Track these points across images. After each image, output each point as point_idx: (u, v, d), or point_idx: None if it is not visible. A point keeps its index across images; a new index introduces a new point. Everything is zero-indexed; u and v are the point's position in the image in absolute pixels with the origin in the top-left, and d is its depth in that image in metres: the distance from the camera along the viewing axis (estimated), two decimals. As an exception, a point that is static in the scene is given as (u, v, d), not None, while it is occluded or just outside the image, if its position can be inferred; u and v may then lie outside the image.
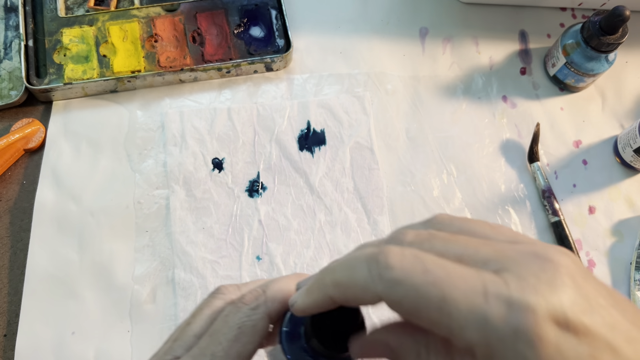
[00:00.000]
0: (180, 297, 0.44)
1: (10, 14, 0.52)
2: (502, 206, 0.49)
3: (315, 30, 0.55)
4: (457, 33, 0.56)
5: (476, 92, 0.53)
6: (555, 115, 0.53)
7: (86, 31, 0.51)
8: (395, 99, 0.52)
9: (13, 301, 0.43)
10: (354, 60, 0.53)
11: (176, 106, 0.50)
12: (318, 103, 0.51)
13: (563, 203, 0.50)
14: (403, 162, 0.50)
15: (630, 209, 0.50)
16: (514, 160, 0.51)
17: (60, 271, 0.44)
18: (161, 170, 0.48)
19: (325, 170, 0.49)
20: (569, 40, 0.51)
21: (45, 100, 0.50)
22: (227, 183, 0.48)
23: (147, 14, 0.52)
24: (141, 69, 0.50)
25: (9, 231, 0.45)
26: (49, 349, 0.42)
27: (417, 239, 0.19)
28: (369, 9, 0.56)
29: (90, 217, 0.46)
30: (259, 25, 0.53)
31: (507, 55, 0.55)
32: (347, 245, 0.46)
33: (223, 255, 0.45)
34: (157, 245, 0.45)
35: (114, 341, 0.42)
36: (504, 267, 0.17)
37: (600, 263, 0.48)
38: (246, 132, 0.49)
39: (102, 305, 0.43)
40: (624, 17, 0.46)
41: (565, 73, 0.52)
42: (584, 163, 0.52)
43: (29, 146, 0.47)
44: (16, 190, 0.47)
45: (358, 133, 0.50)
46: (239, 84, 0.52)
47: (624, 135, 0.50)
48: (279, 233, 0.46)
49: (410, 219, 0.48)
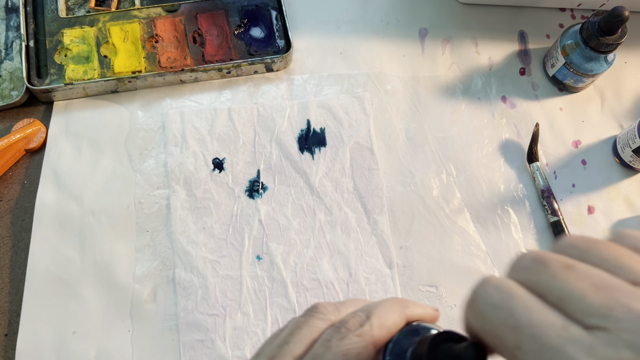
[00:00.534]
0: (181, 297, 0.44)
1: (11, 15, 0.52)
2: (501, 206, 0.49)
3: (315, 31, 0.55)
4: (457, 34, 0.56)
5: (475, 93, 0.54)
6: (554, 115, 0.53)
7: (87, 32, 0.51)
8: (395, 100, 0.52)
9: (14, 301, 0.43)
10: (354, 61, 0.54)
11: (177, 106, 0.50)
12: (318, 103, 0.51)
13: (562, 203, 0.50)
14: (403, 162, 0.50)
15: (629, 209, 0.51)
16: (513, 161, 0.51)
17: (61, 271, 0.44)
18: (162, 170, 0.48)
19: (325, 170, 0.49)
20: (568, 41, 0.51)
21: (46, 101, 0.50)
22: (228, 183, 0.48)
23: (148, 14, 0.52)
24: (142, 69, 0.50)
25: (10, 231, 0.45)
26: (50, 348, 0.42)
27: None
28: (368, 10, 0.56)
29: (91, 217, 0.46)
30: (259, 26, 0.53)
31: (507, 55, 0.56)
32: (347, 245, 0.46)
33: (223, 255, 0.45)
34: (157, 245, 0.45)
35: (114, 341, 0.42)
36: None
37: (600, 263, 0.48)
38: (246, 133, 0.50)
39: (103, 305, 0.43)
40: (623, 18, 0.46)
41: (564, 73, 0.52)
42: (583, 163, 0.52)
43: (30, 146, 0.47)
44: (17, 190, 0.47)
45: (358, 133, 0.50)
46: (240, 84, 0.52)
47: (623, 136, 0.50)
48: (279, 233, 0.46)
49: (410, 219, 0.48)
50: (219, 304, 0.44)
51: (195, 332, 0.43)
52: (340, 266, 0.46)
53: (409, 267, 0.46)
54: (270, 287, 0.45)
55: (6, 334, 0.42)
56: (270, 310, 0.44)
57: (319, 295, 0.45)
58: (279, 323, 0.44)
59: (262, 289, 0.45)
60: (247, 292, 0.44)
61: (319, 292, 0.45)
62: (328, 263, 0.46)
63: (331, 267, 0.46)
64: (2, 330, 0.42)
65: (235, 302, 0.44)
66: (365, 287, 0.45)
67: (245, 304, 0.44)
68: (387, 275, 0.46)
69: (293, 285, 0.45)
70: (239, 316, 0.44)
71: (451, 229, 0.48)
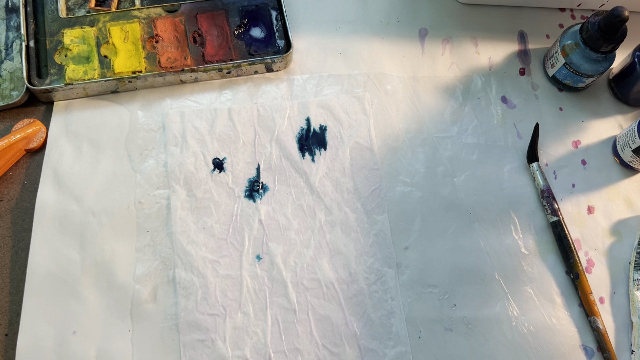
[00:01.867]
0: (181, 297, 0.44)
1: (12, 15, 0.52)
2: (501, 206, 0.49)
3: (316, 31, 0.55)
4: (457, 34, 0.56)
5: (475, 93, 0.54)
6: (554, 115, 0.53)
7: (87, 32, 0.51)
8: (395, 100, 0.52)
9: (14, 300, 0.43)
10: (354, 61, 0.54)
11: (177, 106, 0.50)
12: (318, 103, 0.51)
13: (562, 203, 0.50)
14: (403, 162, 0.50)
15: (629, 209, 0.51)
16: (513, 160, 0.51)
17: (61, 271, 0.44)
18: (162, 170, 0.48)
19: (325, 170, 0.49)
20: (568, 41, 0.51)
21: (47, 101, 0.50)
22: (228, 183, 0.48)
23: (148, 14, 0.52)
24: (142, 69, 0.50)
25: (10, 231, 0.45)
26: (50, 348, 0.42)
27: None
28: (368, 10, 0.56)
29: (91, 216, 0.46)
30: (260, 26, 0.53)
31: (506, 55, 0.56)
32: (347, 245, 0.46)
33: (223, 255, 0.45)
34: (158, 245, 0.45)
35: (115, 340, 0.42)
36: None
37: (599, 263, 0.48)
38: (247, 133, 0.50)
39: (103, 305, 0.43)
40: (623, 18, 0.46)
41: (564, 74, 0.52)
42: (583, 163, 0.52)
43: (30, 146, 0.48)
44: (17, 190, 0.47)
45: (358, 133, 0.50)
46: (240, 84, 0.52)
47: (623, 136, 0.51)
48: (279, 233, 0.46)
49: (410, 219, 0.48)
50: (219, 303, 0.44)
51: (195, 332, 0.43)
52: (340, 266, 0.46)
53: (409, 267, 0.46)
54: (270, 287, 0.45)
55: (6, 333, 0.42)
56: (271, 310, 0.44)
57: (319, 295, 0.45)
58: (279, 323, 0.44)
59: (262, 289, 0.45)
60: (247, 292, 0.44)
61: (319, 292, 0.45)
62: (328, 263, 0.46)
63: (331, 267, 0.46)
64: (2, 330, 0.43)
65: (236, 302, 0.44)
66: (365, 287, 0.45)
67: (245, 303, 0.44)
68: (387, 275, 0.46)
69: (293, 285, 0.45)
70: (239, 316, 0.44)
71: (451, 229, 0.48)
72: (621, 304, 0.47)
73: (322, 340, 0.44)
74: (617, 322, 0.47)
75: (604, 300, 0.47)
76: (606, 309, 0.47)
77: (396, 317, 0.45)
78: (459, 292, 0.46)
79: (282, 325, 0.44)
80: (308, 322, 0.44)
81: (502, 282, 0.47)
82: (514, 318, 0.46)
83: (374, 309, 0.45)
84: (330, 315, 0.44)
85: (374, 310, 0.45)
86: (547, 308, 0.46)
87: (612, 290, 0.48)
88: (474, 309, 0.46)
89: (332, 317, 0.44)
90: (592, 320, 0.46)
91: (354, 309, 0.45)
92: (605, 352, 0.45)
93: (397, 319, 0.45)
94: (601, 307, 0.47)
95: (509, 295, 0.46)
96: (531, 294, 0.47)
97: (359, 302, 0.45)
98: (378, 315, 0.45)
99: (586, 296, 0.46)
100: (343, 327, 0.44)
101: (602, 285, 0.48)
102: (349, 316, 0.44)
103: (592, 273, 0.48)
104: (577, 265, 0.47)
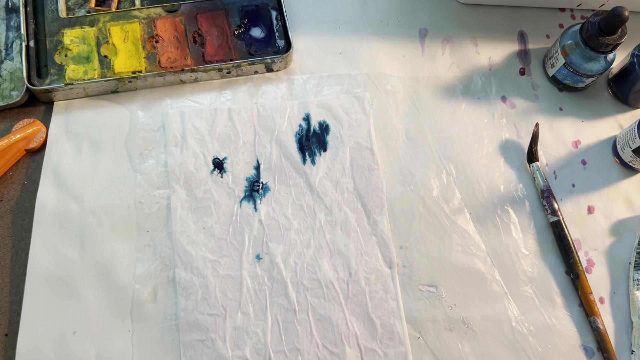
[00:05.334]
0: (181, 297, 0.44)
1: (12, 15, 0.52)
2: (501, 206, 0.49)
3: (316, 31, 0.55)
4: (457, 34, 0.56)
5: (475, 93, 0.54)
6: (554, 115, 0.53)
7: (87, 32, 0.51)
8: (395, 100, 0.52)
9: (14, 300, 0.43)
10: (354, 61, 0.54)
11: (177, 106, 0.50)
12: (318, 103, 0.51)
13: (562, 203, 0.50)
14: (403, 162, 0.50)
15: (629, 209, 0.51)
16: (513, 161, 0.51)
17: (61, 271, 0.44)
18: (162, 170, 0.48)
19: (325, 170, 0.49)
20: (568, 41, 0.51)
21: (47, 101, 0.50)
22: (228, 183, 0.48)
23: (148, 14, 0.52)
24: (142, 69, 0.50)
25: (10, 231, 0.45)
26: (50, 348, 0.42)
27: None
28: (368, 10, 0.56)
29: (91, 216, 0.46)
30: (260, 26, 0.53)
31: (506, 55, 0.56)
32: (347, 244, 0.46)
33: (223, 255, 0.45)
34: (158, 245, 0.45)
35: (115, 340, 0.42)
36: None
37: (599, 263, 0.48)
38: (247, 133, 0.50)
39: (103, 305, 0.43)
40: (623, 18, 0.46)
41: (564, 73, 0.52)
42: (583, 163, 0.52)
43: (30, 146, 0.48)
44: (17, 190, 0.47)
45: (358, 133, 0.50)
46: (240, 84, 0.52)
47: (623, 136, 0.51)
48: (279, 233, 0.46)
49: (410, 219, 0.48)
50: (219, 303, 0.44)
51: (195, 332, 0.43)
52: (340, 266, 0.46)
53: (409, 267, 0.46)
54: (270, 287, 0.45)
55: (6, 333, 0.42)
56: (271, 310, 0.44)
57: (319, 295, 0.45)
58: (279, 323, 0.44)
59: (262, 289, 0.45)
60: (247, 292, 0.44)
61: (319, 292, 0.45)
62: (328, 263, 0.46)
63: (331, 267, 0.46)
64: (2, 330, 0.43)
65: (236, 302, 0.44)
66: (365, 287, 0.45)
67: (245, 303, 0.44)
68: (387, 275, 0.46)
69: (293, 285, 0.45)
70: (239, 316, 0.44)
71: (451, 229, 0.48)
72: (621, 304, 0.47)
73: (322, 340, 0.44)
74: (617, 322, 0.47)
75: (604, 300, 0.47)
76: (606, 309, 0.47)
77: (396, 317, 0.45)
78: (459, 292, 0.46)
79: (282, 325, 0.44)
80: (308, 322, 0.44)
81: (502, 282, 0.47)
82: (514, 318, 0.46)
83: (374, 309, 0.45)
84: (330, 315, 0.44)
85: (374, 310, 0.45)
86: (547, 308, 0.46)
87: (612, 290, 0.48)
88: (473, 309, 0.46)
89: (332, 317, 0.44)
90: (592, 320, 0.46)
91: (354, 309, 0.45)
92: (605, 352, 0.45)
93: (397, 319, 0.45)
94: (601, 307, 0.47)
95: (508, 295, 0.46)
96: (531, 293, 0.47)
97: (359, 302, 0.45)
98: (378, 315, 0.45)
99: (586, 296, 0.46)
100: (343, 327, 0.44)
101: (602, 285, 0.48)
102: (349, 316, 0.44)
103: (592, 273, 0.48)
104: (577, 265, 0.47)
